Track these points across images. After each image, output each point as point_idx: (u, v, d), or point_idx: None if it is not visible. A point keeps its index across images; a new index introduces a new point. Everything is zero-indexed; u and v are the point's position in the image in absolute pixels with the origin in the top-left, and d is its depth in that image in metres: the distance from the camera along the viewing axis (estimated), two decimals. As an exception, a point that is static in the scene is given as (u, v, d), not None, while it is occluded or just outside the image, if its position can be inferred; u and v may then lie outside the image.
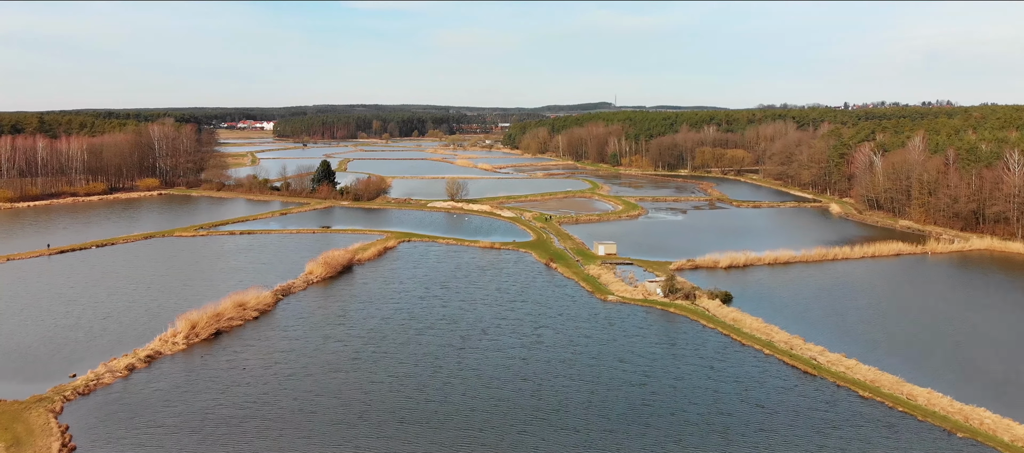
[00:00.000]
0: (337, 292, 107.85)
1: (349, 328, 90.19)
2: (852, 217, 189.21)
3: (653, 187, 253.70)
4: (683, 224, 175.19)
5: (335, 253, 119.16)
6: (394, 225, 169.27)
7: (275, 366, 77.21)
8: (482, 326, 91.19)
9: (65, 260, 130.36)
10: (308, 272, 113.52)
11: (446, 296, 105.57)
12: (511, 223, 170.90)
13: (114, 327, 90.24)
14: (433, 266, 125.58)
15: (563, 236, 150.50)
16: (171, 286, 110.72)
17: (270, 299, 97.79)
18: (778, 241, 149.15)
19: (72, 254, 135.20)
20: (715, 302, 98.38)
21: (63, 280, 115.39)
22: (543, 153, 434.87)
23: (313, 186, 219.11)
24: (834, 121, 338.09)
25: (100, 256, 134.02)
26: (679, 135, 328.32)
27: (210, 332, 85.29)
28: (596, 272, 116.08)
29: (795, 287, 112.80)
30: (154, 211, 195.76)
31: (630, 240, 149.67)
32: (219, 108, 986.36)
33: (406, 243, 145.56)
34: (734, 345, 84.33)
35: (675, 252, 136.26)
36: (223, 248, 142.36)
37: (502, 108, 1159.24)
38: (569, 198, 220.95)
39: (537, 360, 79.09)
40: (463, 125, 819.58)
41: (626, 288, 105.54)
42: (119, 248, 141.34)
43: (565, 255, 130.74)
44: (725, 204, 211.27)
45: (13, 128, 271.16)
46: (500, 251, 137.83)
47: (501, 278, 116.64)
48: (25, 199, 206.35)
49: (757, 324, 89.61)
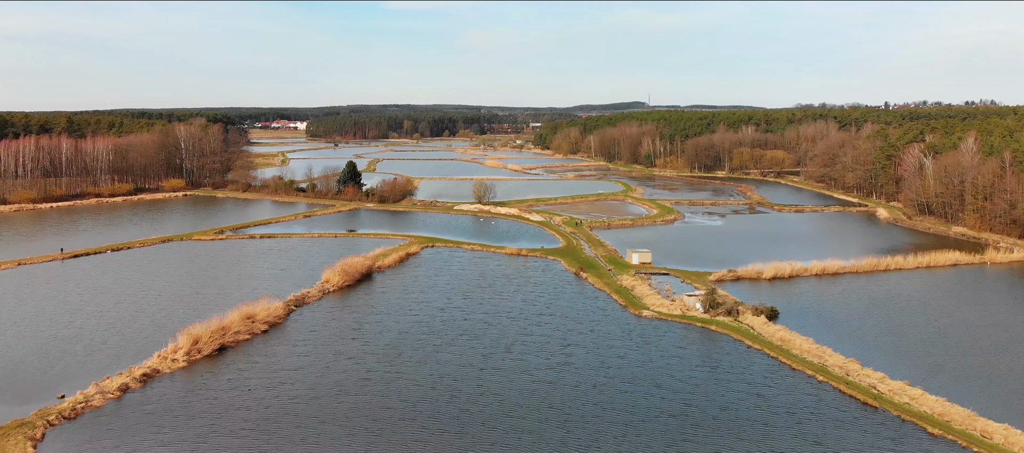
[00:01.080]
0: (353, 302, 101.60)
1: (363, 343, 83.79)
2: (901, 223, 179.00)
3: (689, 190, 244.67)
4: (722, 230, 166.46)
5: (353, 260, 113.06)
6: (418, 229, 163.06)
7: (280, 387, 70.99)
8: (506, 343, 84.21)
9: (78, 265, 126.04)
10: (324, 280, 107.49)
11: (468, 308, 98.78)
12: (539, 228, 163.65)
13: (115, 340, 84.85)
14: (456, 274, 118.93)
15: (594, 242, 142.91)
16: (181, 294, 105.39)
17: (281, 310, 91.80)
18: (824, 249, 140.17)
19: (86, 259, 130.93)
20: (760, 319, 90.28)
21: (72, 287, 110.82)
22: (574, 154, 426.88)
23: (339, 187, 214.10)
24: (877, 121, 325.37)
25: (114, 261, 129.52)
26: (716, 135, 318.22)
27: (214, 348, 79.41)
28: (630, 283, 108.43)
29: (846, 301, 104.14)
30: (177, 213, 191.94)
31: (665, 247, 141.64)
32: (254, 108, 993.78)
33: (429, 248, 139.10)
34: (783, 369, 76.28)
35: (714, 261, 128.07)
36: (242, 253, 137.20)
37: (533, 108, 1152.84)
38: (601, 201, 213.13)
39: (565, 384, 71.88)
40: (494, 125, 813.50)
41: (662, 302, 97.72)
42: (134, 253, 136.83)
43: (596, 264, 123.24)
44: (765, 208, 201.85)
45: (42, 128, 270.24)
46: (527, 258, 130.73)
47: (527, 288, 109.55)
48: (48, 200, 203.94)
49: (808, 345, 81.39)
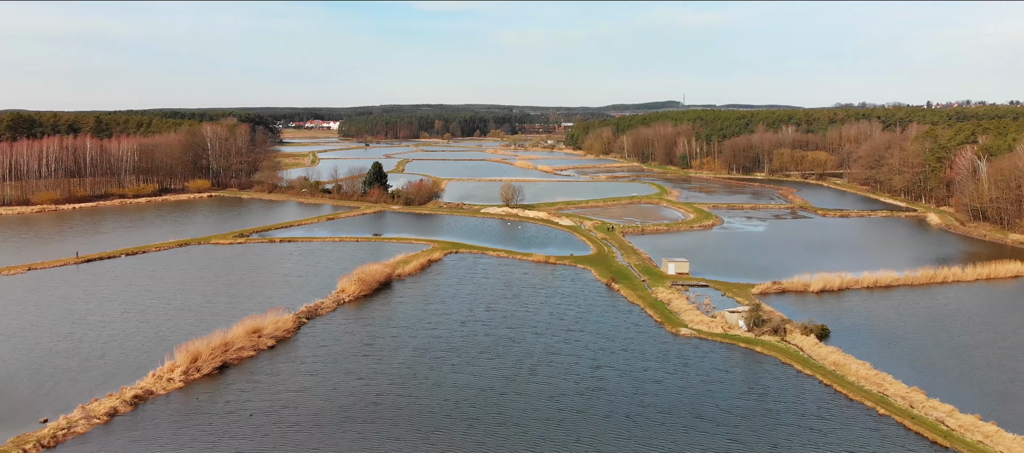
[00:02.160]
0: (369, 314, 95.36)
1: (376, 361, 77.44)
2: (954, 229, 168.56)
3: (727, 193, 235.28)
4: (764, 237, 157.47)
5: (371, 268, 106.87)
6: (443, 233, 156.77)
7: (280, 412, 64.83)
8: (531, 363, 77.28)
9: (90, 270, 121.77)
10: (339, 290, 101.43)
11: (491, 321, 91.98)
12: (569, 233, 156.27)
13: (114, 355, 79.56)
14: (480, 283, 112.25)
15: (627, 250, 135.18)
16: (191, 304, 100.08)
17: (291, 323, 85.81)
18: (874, 258, 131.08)
19: (98, 263, 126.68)
20: (810, 339, 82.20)
21: (80, 293, 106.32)
22: (607, 154, 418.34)
23: (364, 189, 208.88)
24: (923, 121, 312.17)
25: (127, 266, 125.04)
26: (755, 136, 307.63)
27: (214, 366, 73.59)
28: (666, 296, 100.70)
29: (901, 318, 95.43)
30: (200, 214, 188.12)
31: (703, 255, 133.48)
32: (289, 108, 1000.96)
33: (453, 255, 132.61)
34: (839, 400, 68.25)
35: (757, 271, 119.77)
36: (260, 258, 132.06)
37: (565, 107, 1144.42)
38: (634, 204, 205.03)
39: (596, 414, 64.70)
40: (525, 125, 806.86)
41: (702, 318, 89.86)
42: (150, 257, 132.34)
43: (629, 273, 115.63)
44: (808, 212, 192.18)
45: (70, 128, 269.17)
46: (555, 267, 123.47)
47: (555, 300, 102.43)
48: (72, 201, 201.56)
49: (865, 371, 73.19)
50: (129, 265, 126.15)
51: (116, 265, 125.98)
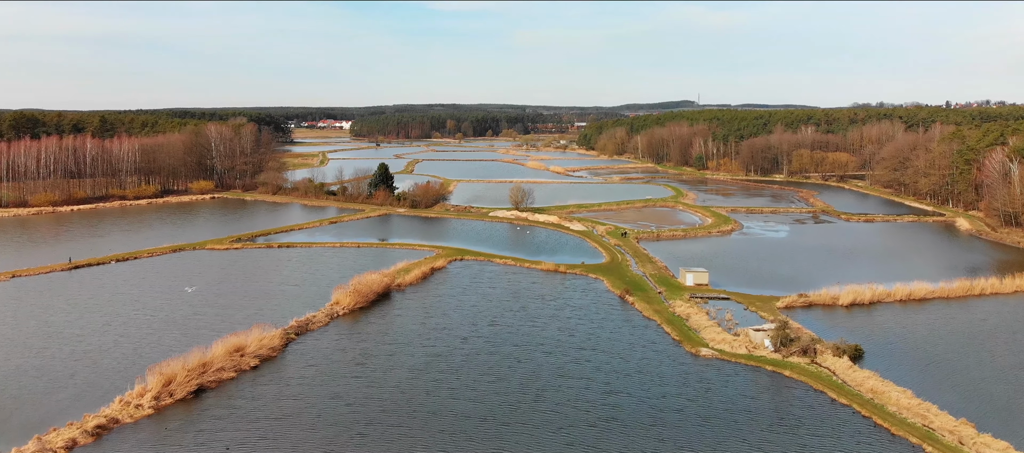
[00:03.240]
0: (364, 329, 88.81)
1: (367, 384, 70.88)
2: (985, 235, 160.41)
3: (745, 195, 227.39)
4: (786, 243, 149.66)
5: (369, 278, 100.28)
6: (449, 238, 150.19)
7: (255, 444, 58.38)
8: (538, 386, 70.49)
9: (78, 277, 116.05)
10: (334, 302, 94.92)
11: (496, 338, 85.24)
12: (581, 239, 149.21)
13: (85, 374, 73.44)
14: (485, 293, 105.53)
15: (642, 258, 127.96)
16: (176, 317, 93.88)
17: (278, 340, 79.38)
18: (904, 267, 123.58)
19: (87, 270, 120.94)
20: (843, 361, 74.94)
21: (62, 302, 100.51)
22: (620, 155, 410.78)
23: (370, 191, 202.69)
24: (946, 121, 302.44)
25: (116, 274, 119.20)
26: (773, 136, 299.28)
27: (189, 389, 67.22)
28: (684, 310, 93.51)
29: (939, 336, 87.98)
30: (201, 217, 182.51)
31: (723, 263, 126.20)
32: (303, 108, 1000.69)
33: (458, 262, 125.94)
34: (880, 434, 61.00)
35: (780, 281, 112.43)
36: (255, 265, 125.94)
37: (579, 107, 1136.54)
38: (649, 208, 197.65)
39: (609, 450, 57.82)
40: (538, 124, 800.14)
41: (724, 337, 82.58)
42: (141, 264, 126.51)
43: (644, 284, 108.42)
44: (831, 217, 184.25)
45: (74, 127, 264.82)
46: (566, 276, 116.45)
47: (565, 314, 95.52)
48: (71, 202, 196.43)
49: (906, 400, 65.85)
50: (118, 272, 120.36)
51: (105, 272, 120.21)
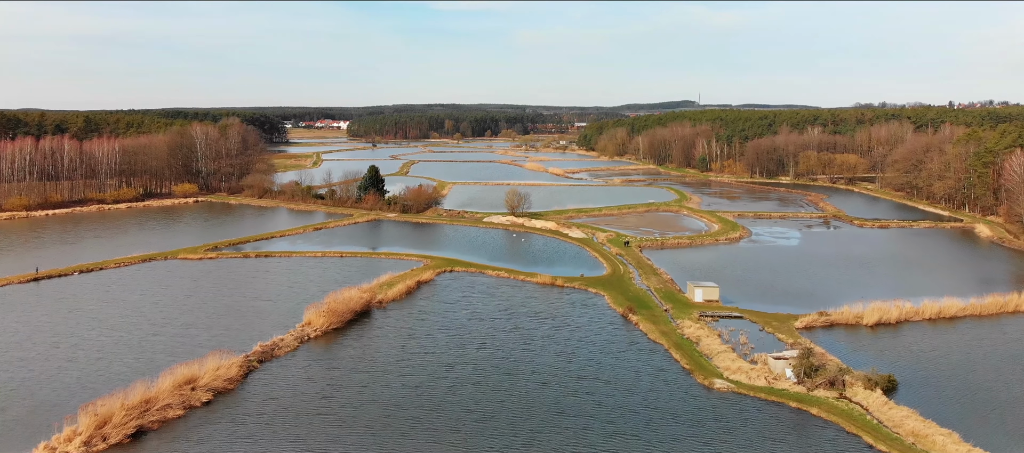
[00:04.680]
0: (338, 353, 79.82)
1: (334, 424, 61.88)
2: (1007, 243, 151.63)
3: (751, 199, 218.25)
4: (798, 252, 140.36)
5: (346, 295, 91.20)
6: (440, 246, 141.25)
7: (197, 506, 49.49)
8: (530, 428, 61.53)
9: (36, 291, 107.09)
10: (305, 323, 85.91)
11: (485, 364, 76.28)
12: (580, 247, 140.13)
13: (17, 409, 64.50)
14: (475, 310, 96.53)
15: (645, 269, 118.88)
16: (131, 339, 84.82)
17: (236, 370, 70.32)
18: (928, 280, 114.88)
19: (48, 282, 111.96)
20: (876, 395, 65.99)
21: (12, 321, 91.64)
22: (621, 156, 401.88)
23: (359, 195, 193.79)
24: (956, 121, 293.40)
25: (78, 287, 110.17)
26: (779, 137, 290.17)
27: (127, 432, 58.20)
28: (693, 331, 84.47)
29: (977, 361, 79.00)
30: (181, 222, 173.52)
31: (732, 275, 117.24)
32: (301, 108, 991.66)
33: (447, 274, 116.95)
34: (930, 490, 52.11)
35: (796, 296, 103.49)
36: (228, 277, 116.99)
37: (579, 107, 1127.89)
38: (651, 212, 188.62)
39: (607, 512, 48.97)
40: (538, 125, 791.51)
41: (740, 365, 73.47)
42: (107, 275, 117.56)
43: (649, 300, 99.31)
44: (843, 222, 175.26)
45: (57, 128, 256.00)
46: (563, 290, 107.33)
47: (563, 335, 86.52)
48: (46, 206, 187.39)
49: (954, 446, 56.90)
50: (81, 285, 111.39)
51: (67, 284, 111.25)
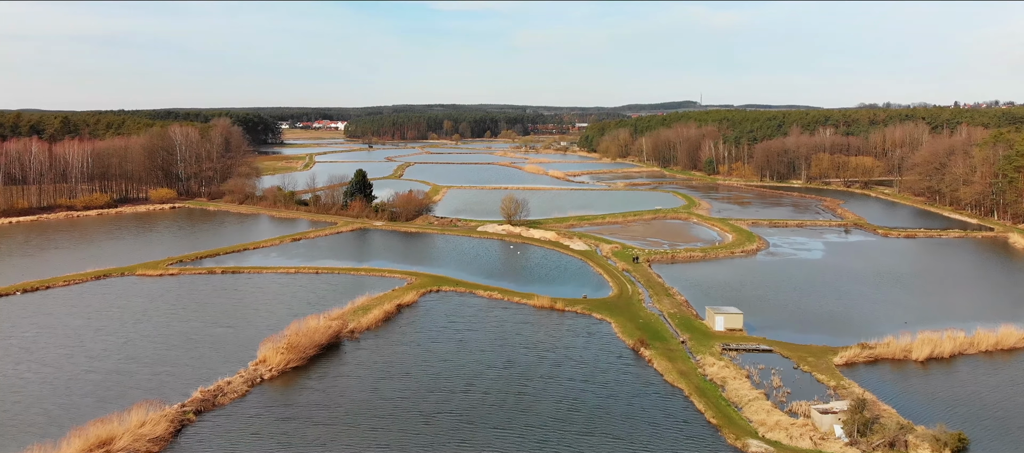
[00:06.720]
0: (295, 399, 67.00)
1: (278, 502, 49.32)
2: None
3: (763, 204, 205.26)
4: (824, 266, 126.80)
5: (310, 325, 78.35)
6: (428, 259, 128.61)
7: None
8: (519, 505, 48.88)
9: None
10: (259, 360, 73.10)
11: (470, 414, 63.54)
12: (583, 261, 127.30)
13: None
14: (463, 339, 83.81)
15: (656, 288, 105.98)
16: (58, 379, 72.14)
17: (164, 427, 57.62)
18: (971, 301, 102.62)
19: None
20: (950, 460, 53.39)
21: (-75, 355, 79.04)
22: (624, 157, 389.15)
23: (345, 201, 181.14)
24: (973, 122, 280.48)
25: (17, 309, 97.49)
26: (789, 139, 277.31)
27: (6, 521, 45.79)
28: (717, 371, 71.62)
29: (1058, 406, 66.48)
30: (154, 231, 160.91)
31: (754, 295, 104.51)
32: (300, 108, 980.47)
33: (432, 294, 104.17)
34: None
35: (831, 323, 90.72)
36: (187, 297, 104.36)
37: (580, 108, 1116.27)
38: (659, 220, 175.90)
39: None
40: (538, 125, 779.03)
41: (777, 418, 60.42)
42: (52, 295, 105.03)
43: (663, 329, 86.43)
44: (866, 231, 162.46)
45: (32, 129, 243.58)
46: (564, 315, 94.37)
47: (563, 373, 73.75)
48: (11, 213, 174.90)
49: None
50: (21, 306, 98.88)
51: (3, 307, 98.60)
